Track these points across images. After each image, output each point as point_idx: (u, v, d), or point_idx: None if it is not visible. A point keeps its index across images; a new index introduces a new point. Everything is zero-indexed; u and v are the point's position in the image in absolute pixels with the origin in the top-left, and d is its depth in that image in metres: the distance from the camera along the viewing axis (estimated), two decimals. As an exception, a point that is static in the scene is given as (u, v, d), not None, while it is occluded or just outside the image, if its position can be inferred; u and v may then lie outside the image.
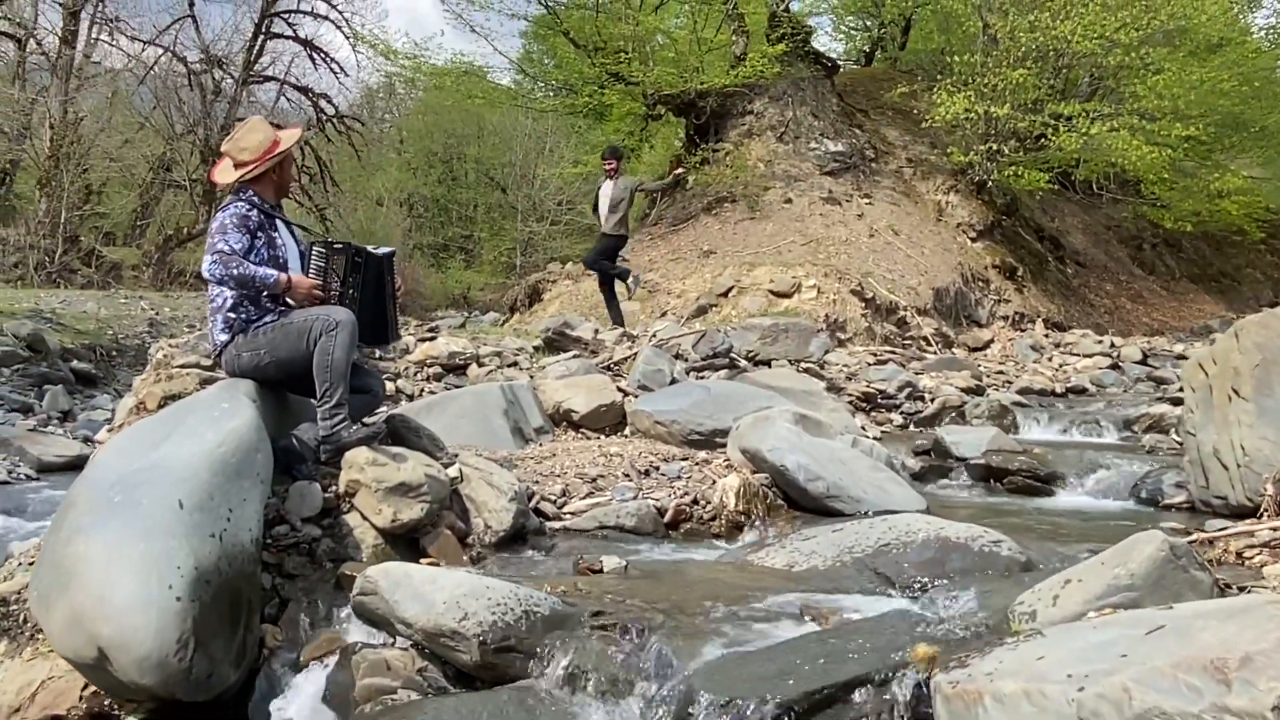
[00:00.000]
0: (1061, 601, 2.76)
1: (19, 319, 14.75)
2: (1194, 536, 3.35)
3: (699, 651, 2.93)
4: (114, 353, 15.50)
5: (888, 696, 2.63)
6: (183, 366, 4.92)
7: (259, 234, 4.40)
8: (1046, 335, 15.71)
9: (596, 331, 9.03)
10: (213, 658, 3.23)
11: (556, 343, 8.46)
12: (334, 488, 4.36)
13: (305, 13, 30.65)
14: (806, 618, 3.23)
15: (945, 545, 3.84)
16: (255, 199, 4.49)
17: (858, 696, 2.64)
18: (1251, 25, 26.33)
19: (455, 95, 21.47)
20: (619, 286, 11.63)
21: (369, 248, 4.82)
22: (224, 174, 4.56)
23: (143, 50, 29.74)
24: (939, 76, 17.16)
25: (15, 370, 13.07)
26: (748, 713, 2.56)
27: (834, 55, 22.55)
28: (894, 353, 11.65)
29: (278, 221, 4.56)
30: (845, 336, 12.31)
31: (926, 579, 3.64)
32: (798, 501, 4.99)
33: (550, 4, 17.33)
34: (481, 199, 39.95)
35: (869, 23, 28.13)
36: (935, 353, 12.75)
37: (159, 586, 3.15)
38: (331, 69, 30.91)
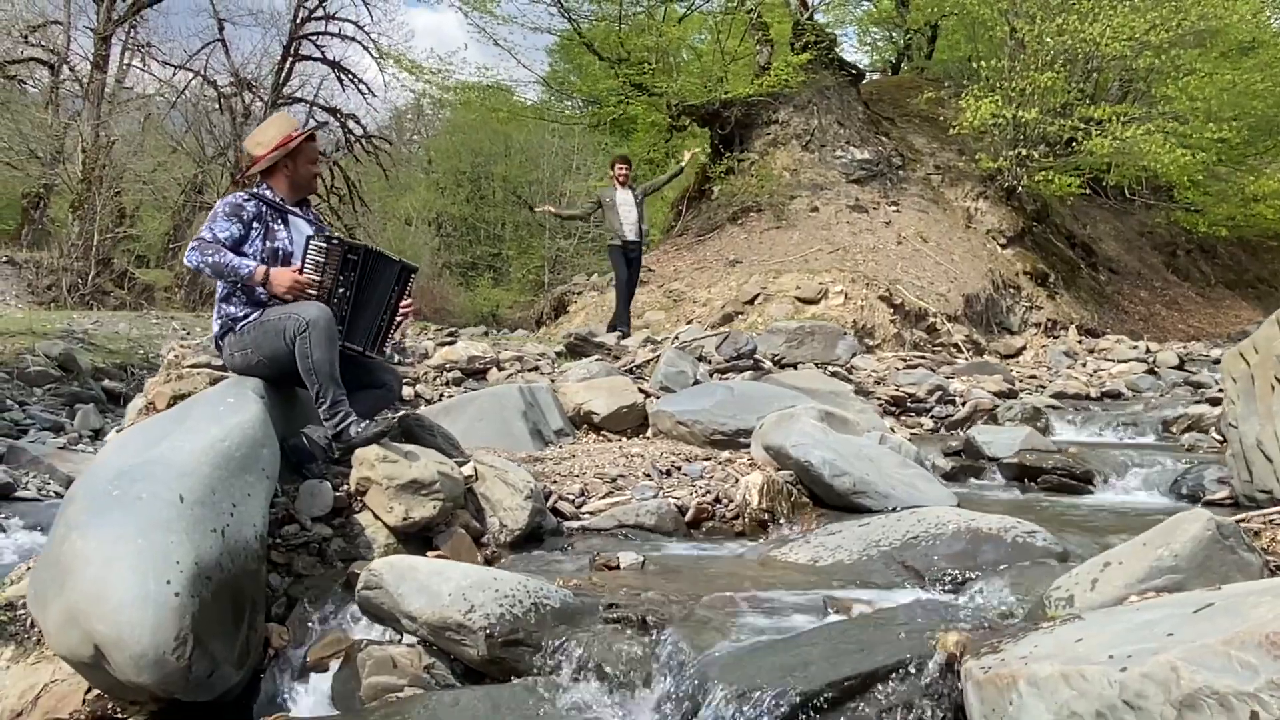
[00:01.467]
0: (1100, 585, 2.59)
1: (51, 339, 14.83)
2: (1239, 517, 3.17)
3: (716, 644, 2.78)
4: (145, 372, 15.53)
5: (915, 686, 2.47)
6: (193, 366, 4.84)
7: (255, 225, 4.32)
8: (1080, 342, 15.44)
9: (620, 338, 8.91)
10: (214, 656, 3.11)
11: (578, 349, 8.34)
12: (345, 487, 4.25)
13: (333, 34, 30.91)
14: (830, 610, 3.08)
15: (976, 537, 3.67)
16: (267, 193, 4.42)
17: (883, 686, 2.48)
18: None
19: (480, 109, 21.49)
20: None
21: (382, 251, 4.72)
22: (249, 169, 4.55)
23: (174, 75, 30.16)
24: (966, 83, 16.96)
25: (47, 390, 13.11)
26: (766, 703, 2.41)
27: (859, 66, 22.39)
28: (924, 358, 11.45)
29: (290, 217, 4.47)
30: (874, 343, 12.12)
31: (957, 571, 3.47)
32: (823, 499, 4.83)
33: (573, 17, 17.30)
34: (509, 217, 39.98)
35: (894, 34, 27.97)
36: (966, 359, 12.52)
37: (157, 583, 3.03)
38: (359, 89, 31.15)
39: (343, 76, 30.93)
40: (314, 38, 30.95)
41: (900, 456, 5.20)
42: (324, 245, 4.36)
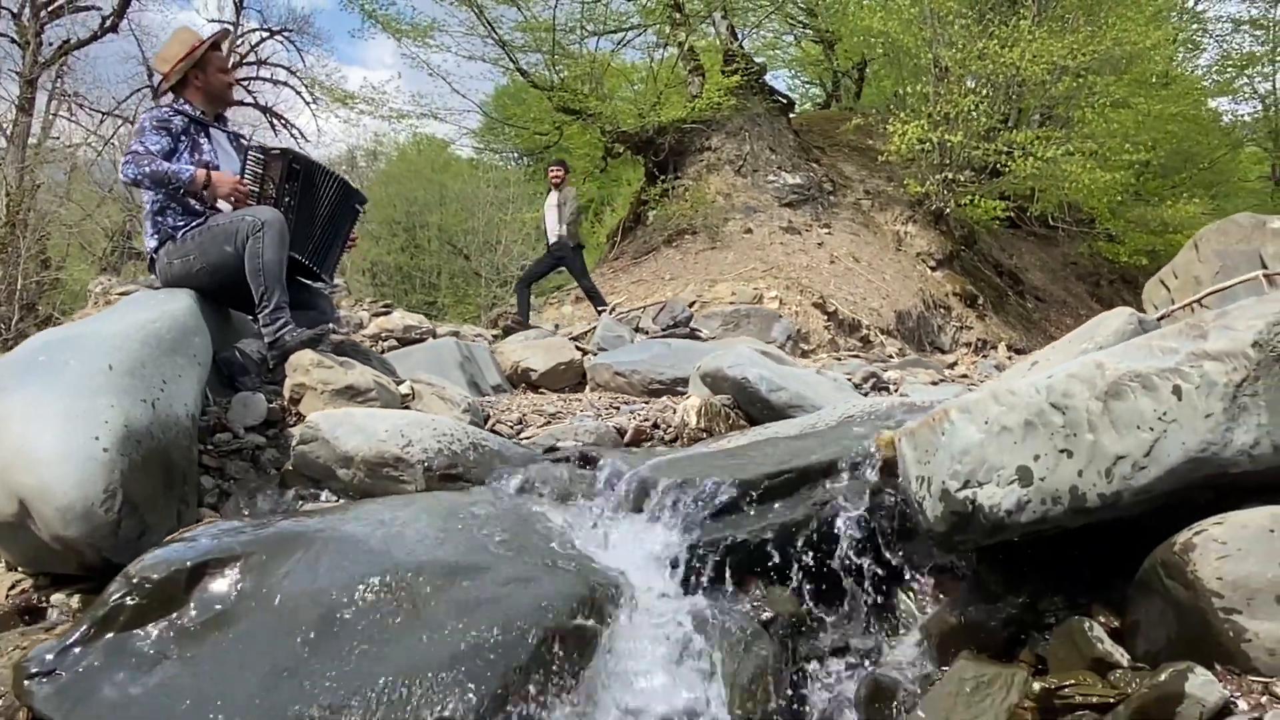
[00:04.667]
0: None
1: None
2: (1159, 314, 3.25)
3: (654, 462, 2.79)
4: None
5: (853, 476, 2.50)
6: (123, 294, 4.76)
7: (182, 138, 4.30)
8: (1010, 358, 15.73)
9: (556, 326, 8.93)
10: (144, 519, 3.03)
11: (514, 332, 8.35)
12: (278, 401, 4.20)
13: (265, 79, 30.85)
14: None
15: (911, 408, 3.72)
16: (187, 107, 4.41)
17: (821, 478, 2.51)
18: (1195, 69, 27.11)
19: (416, 142, 21.54)
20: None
21: (327, 167, 4.74)
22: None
23: (101, 122, 29.75)
24: (894, 110, 17.37)
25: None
26: (706, 490, 2.42)
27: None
28: (858, 358, 11.59)
29: (211, 130, 4.46)
30: (808, 348, 12.22)
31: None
32: (759, 421, 4.85)
33: (507, 47, 17.44)
34: (445, 266, 39.96)
35: (822, 79, 28.64)
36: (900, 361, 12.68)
37: (84, 437, 2.96)
38: (291, 134, 31.00)
39: (275, 122, 30.80)
40: (245, 83, 30.82)
41: (836, 384, 5.25)
42: (262, 156, 4.36)
